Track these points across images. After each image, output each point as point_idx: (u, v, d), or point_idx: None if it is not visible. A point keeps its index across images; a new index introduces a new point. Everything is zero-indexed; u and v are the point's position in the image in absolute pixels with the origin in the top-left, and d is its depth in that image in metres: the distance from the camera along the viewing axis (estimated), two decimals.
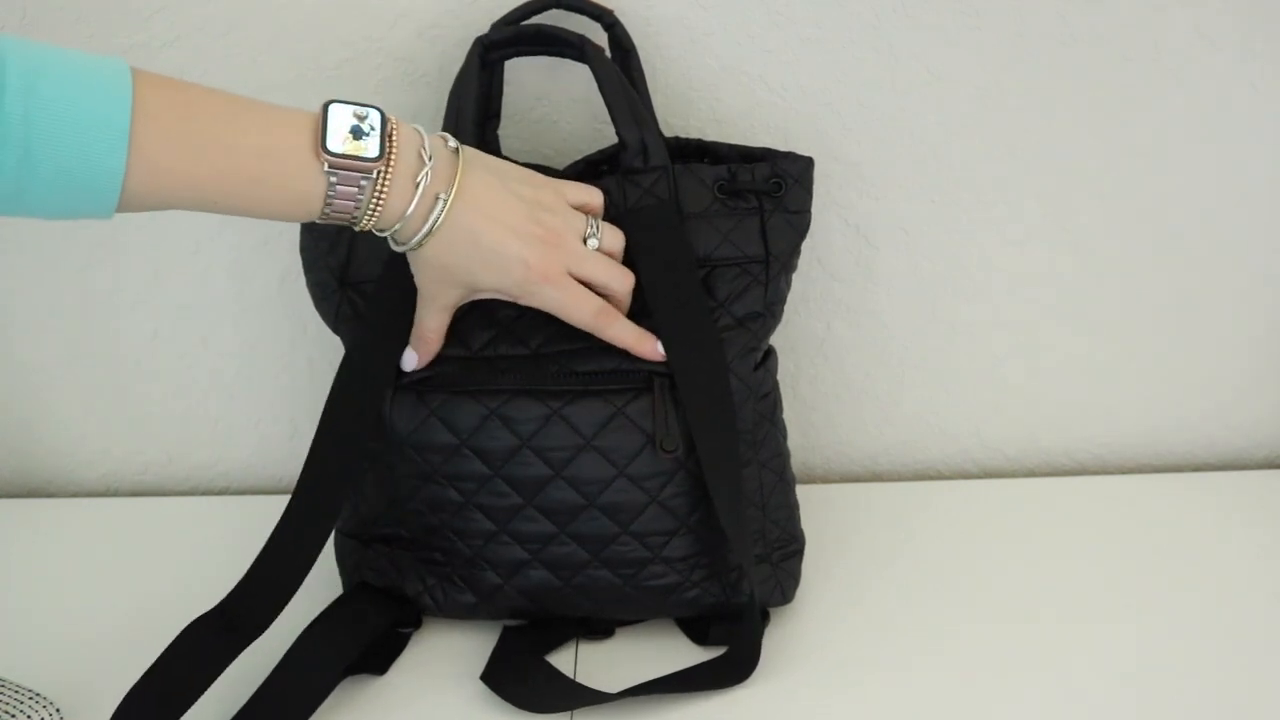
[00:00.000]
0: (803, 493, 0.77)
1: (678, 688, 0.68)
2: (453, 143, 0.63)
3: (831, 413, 0.93)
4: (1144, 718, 0.68)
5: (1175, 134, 0.84)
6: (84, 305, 0.89)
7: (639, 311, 0.69)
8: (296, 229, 0.76)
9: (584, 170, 0.76)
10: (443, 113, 0.73)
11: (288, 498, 0.67)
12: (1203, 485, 0.91)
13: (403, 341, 0.69)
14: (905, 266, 0.87)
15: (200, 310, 0.89)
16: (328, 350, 0.89)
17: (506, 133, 0.81)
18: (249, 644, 0.65)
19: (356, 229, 0.61)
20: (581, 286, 0.66)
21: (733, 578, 0.71)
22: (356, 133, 0.58)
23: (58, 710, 0.67)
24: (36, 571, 0.83)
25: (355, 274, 0.72)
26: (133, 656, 0.63)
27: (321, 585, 0.73)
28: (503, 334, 0.69)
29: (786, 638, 0.74)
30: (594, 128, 0.83)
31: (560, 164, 0.79)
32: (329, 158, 0.57)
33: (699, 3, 0.79)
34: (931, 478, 0.95)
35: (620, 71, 0.73)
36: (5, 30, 0.79)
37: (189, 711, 0.62)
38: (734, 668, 0.70)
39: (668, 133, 0.78)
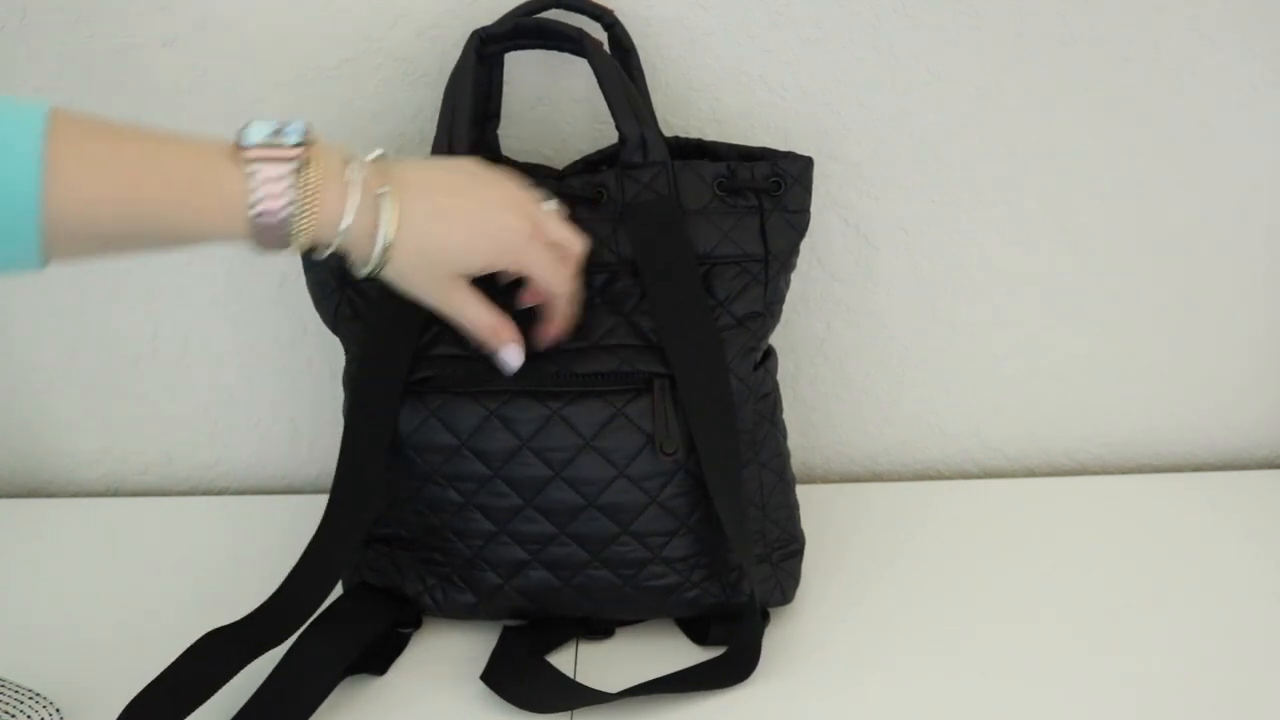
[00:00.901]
0: (803, 493, 0.77)
1: (678, 688, 0.68)
2: (378, 152, 0.61)
3: (831, 413, 0.93)
4: (1144, 718, 0.68)
5: (1175, 134, 0.84)
6: (84, 305, 0.89)
7: (635, 309, 0.69)
8: None
9: (584, 170, 0.76)
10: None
11: (288, 498, 0.67)
12: (1203, 485, 0.91)
13: (411, 342, 0.68)
14: (905, 266, 0.87)
15: (200, 310, 0.89)
16: (328, 350, 0.89)
17: (506, 133, 0.81)
18: (264, 653, 0.65)
19: (298, 244, 0.57)
20: (553, 250, 0.65)
21: (733, 578, 0.71)
22: (275, 133, 0.56)
23: (58, 710, 0.67)
24: (36, 571, 0.83)
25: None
26: (133, 656, 0.63)
27: None
28: None
29: (786, 638, 0.74)
30: (594, 127, 0.83)
31: (560, 164, 0.79)
32: (246, 151, 0.55)
33: (699, 3, 0.79)
34: (931, 478, 0.95)
35: (619, 66, 0.73)
36: (4, 29, 0.79)
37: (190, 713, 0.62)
38: (734, 668, 0.70)
39: (668, 133, 0.78)
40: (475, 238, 0.62)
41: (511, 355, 0.67)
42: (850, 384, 0.92)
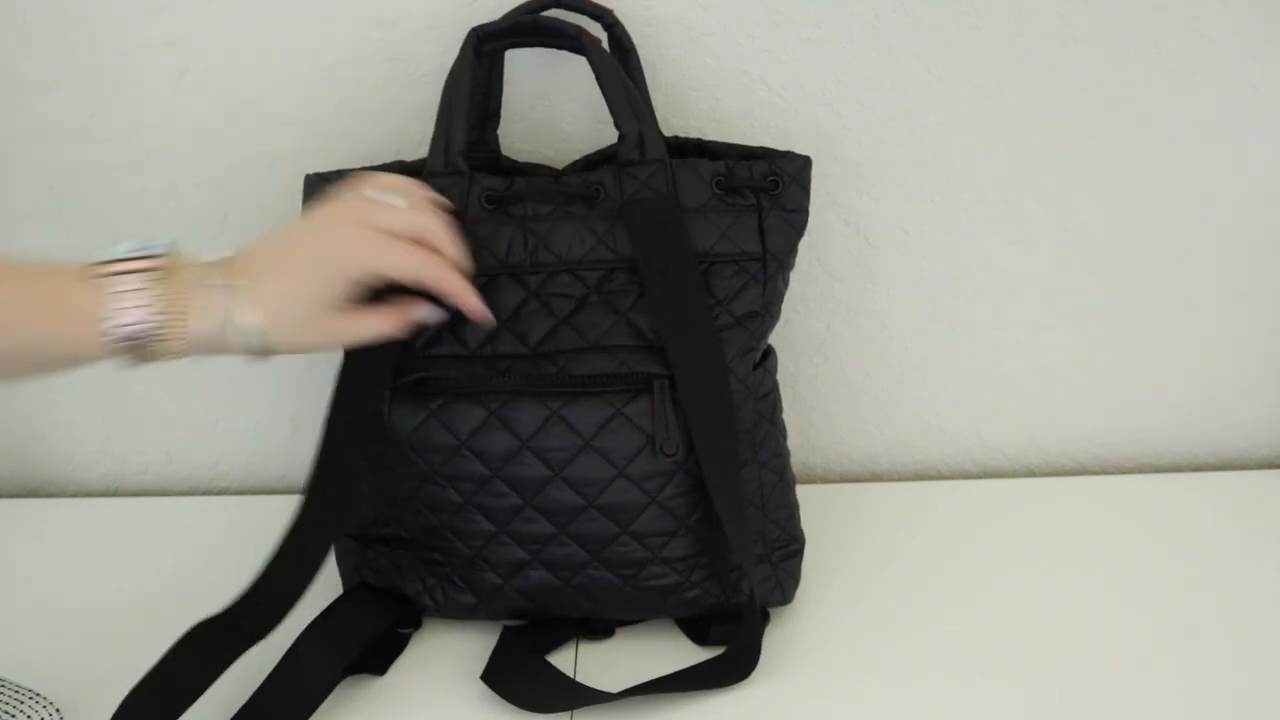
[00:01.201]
0: (803, 493, 0.77)
1: (678, 687, 0.68)
2: (227, 253, 0.61)
3: (831, 413, 0.93)
4: (1143, 717, 0.68)
5: (1175, 134, 0.84)
6: None
7: (633, 307, 0.69)
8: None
9: (584, 169, 0.76)
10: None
11: (288, 498, 0.67)
12: (1203, 485, 0.91)
13: (397, 341, 0.68)
14: (905, 266, 0.87)
15: None
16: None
17: (506, 132, 0.81)
18: (251, 646, 0.65)
19: (166, 355, 0.58)
20: (405, 242, 0.63)
21: (733, 578, 0.71)
22: (136, 249, 0.57)
23: (58, 710, 0.67)
24: (37, 571, 0.83)
25: None
26: (133, 656, 0.63)
27: (321, 585, 0.73)
28: (501, 331, 0.69)
29: (786, 638, 0.74)
30: (594, 127, 0.83)
31: (560, 164, 0.79)
32: (102, 266, 0.56)
33: (699, 3, 0.79)
34: (931, 478, 0.95)
35: (618, 64, 0.73)
36: (5, 29, 0.79)
37: (189, 712, 0.62)
38: (734, 668, 0.70)
39: (668, 132, 0.78)
40: (317, 270, 0.61)
41: (429, 315, 0.66)
42: (850, 384, 0.92)
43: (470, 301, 0.66)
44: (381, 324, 0.65)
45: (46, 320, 0.55)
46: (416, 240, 0.64)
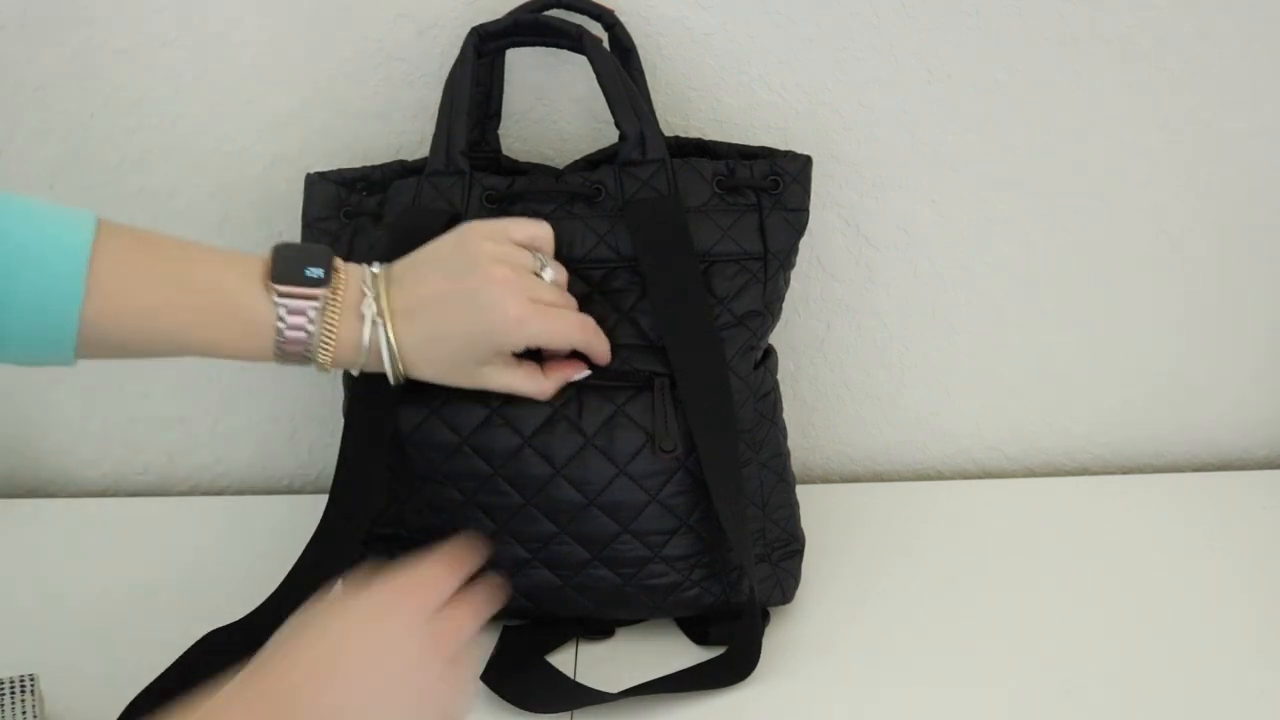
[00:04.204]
0: (803, 493, 0.77)
1: (678, 687, 0.68)
2: (376, 268, 0.64)
3: (831, 413, 0.93)
4: (1143, 717, 0.68)
5: (1175, 134, 0.84)
6: None
7: (635, 306, 0.69)
8: (298, 227, 0.76)
9: (584, 169, 0.76)
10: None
11: (288, 498, 0.67)
12: (1203, 485, 0.91)
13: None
14: (905, 266, 0.87)
15: None
16: None
17: (506, 132, 0.81)
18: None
19: (319, 367, 0.62)
20: (559, 309, 0.65)
21: (733, 577, 0.71)
22: (304, 265, 0.60)
23: (31, 678, 0.67)
24: (37, 572, 0.83)
25: None
26: (132, 657, 0.63)
27: None
28: None
29: (786, 638, 0.74)
30: (594, 127, 0.83)
31: (560, 163, 0.79)
32: (276, 287, 0.59)
33: (699, 3, 0.79)
34: (931, 478, 0.95)
35: (618, 63, 0.73)
36: (4, 29, 0.79)
37: None
38: (734, 667, 0.70)
39: (668, 132, 0.78)
40: (473, 338, 0.63)
41: (581, 374, 0.68)
42: (850, 384, 0.92)
43: (608, 358, 0.68)
44: (539, 387, 0.66)
45: (223, 330, 0.60)
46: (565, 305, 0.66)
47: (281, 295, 0.59)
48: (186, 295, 0.59)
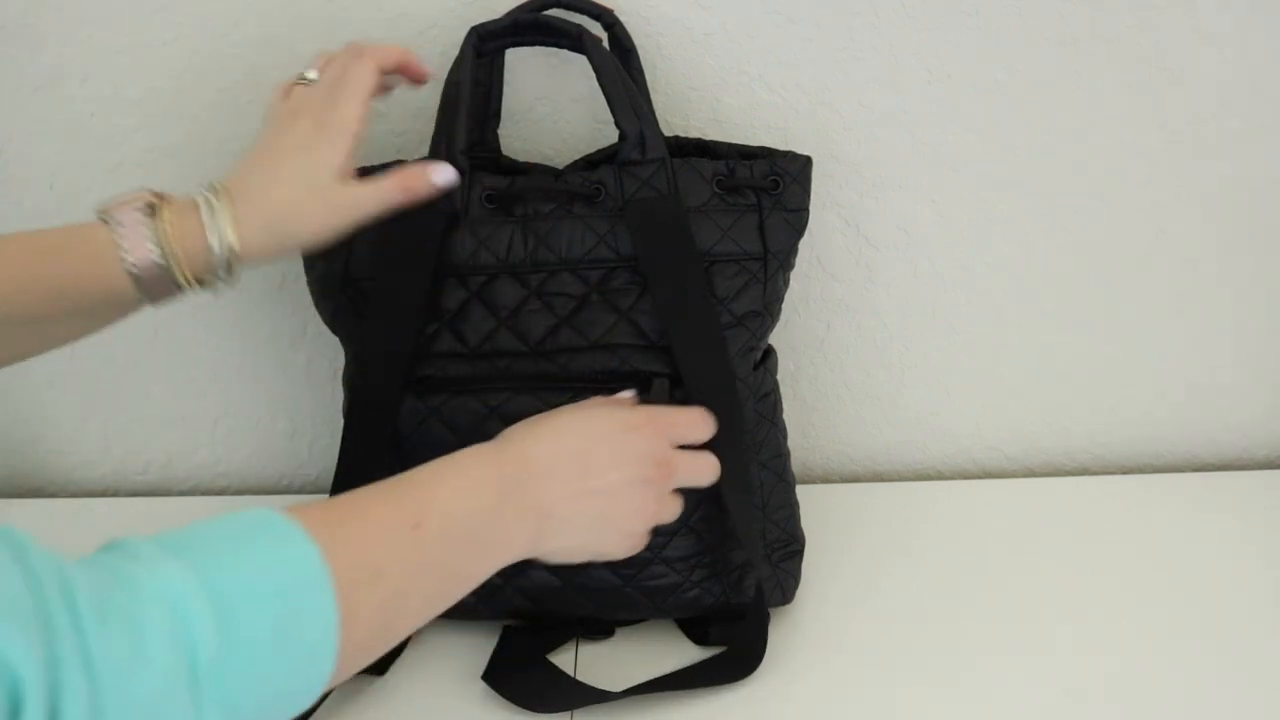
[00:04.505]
0: (803, 493, 0.77)
1: (681, 685, 0.68)
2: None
3: (831, 413, 0.93)
4: (1143, 717, 0.68)
5: (1175, 134, 0.84)
6: None
7: (634, 306, 0.69)
8: None
9: (584, 169, 0.76)
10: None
11: (288, 498, 0.67)
12: (1203, 485, 0.91)
13: (410, 342, 0.68)
14: (905, 266, 0.87)
15: (200, 310, 0.89)
16: (327, 350, 0.89)
17: (506, 132, 0.81)
18: None
19: (186, 276, 0.60)
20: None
21: (733, 577, 0.71)
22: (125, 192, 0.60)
23: None
24: None
25: (356, 271, 0.72)
26: None
27: None
28: (502, 330, 0.69)
29: (787, 638, 0.74)
30: (594, 127, 0.83)
31: (560, 163, 0.79)
32: (103, 210, 0.59)
33: (699, 3, 0.79)
34: (931, 478, 0.95)
35: (618, 63, 0.73)
36: (5, 29, 0.79)
37: None
38: (736, 665, 0.70)
39: (668, 132, 0.78)
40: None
41: (440, 173, 0.66)
42: (850, 384, 0.92)
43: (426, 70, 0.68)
44: (391, 190, 0.64)
45: (72, 262, 0.58)
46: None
47: (111, 210, 0.59)
48: (35, 248, 0.58)
